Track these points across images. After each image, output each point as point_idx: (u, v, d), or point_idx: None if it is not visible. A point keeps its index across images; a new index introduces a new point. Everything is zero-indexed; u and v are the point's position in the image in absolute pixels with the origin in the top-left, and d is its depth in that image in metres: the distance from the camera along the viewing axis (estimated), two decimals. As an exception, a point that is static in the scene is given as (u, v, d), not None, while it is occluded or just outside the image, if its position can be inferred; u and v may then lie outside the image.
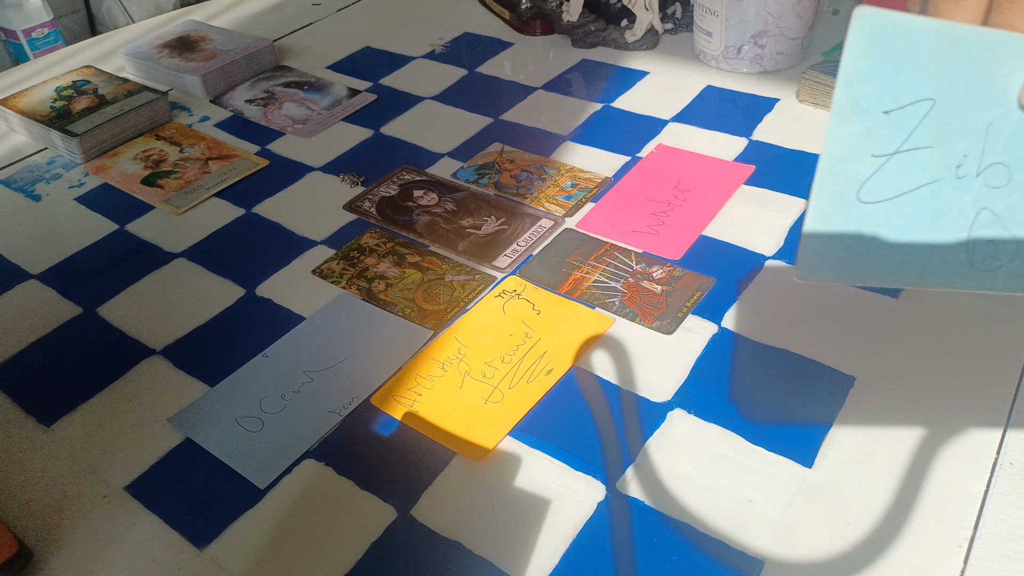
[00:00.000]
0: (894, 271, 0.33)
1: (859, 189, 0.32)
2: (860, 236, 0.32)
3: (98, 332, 0.55)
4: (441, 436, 0.46)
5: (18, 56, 1.49)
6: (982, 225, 0.33)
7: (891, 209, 0.32)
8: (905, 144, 0.31)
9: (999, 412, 0.46)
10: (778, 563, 0.39)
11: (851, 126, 0.31)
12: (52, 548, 0.42)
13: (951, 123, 0.31)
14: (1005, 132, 0.31)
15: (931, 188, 0.32)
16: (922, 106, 0.31)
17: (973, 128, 0.31)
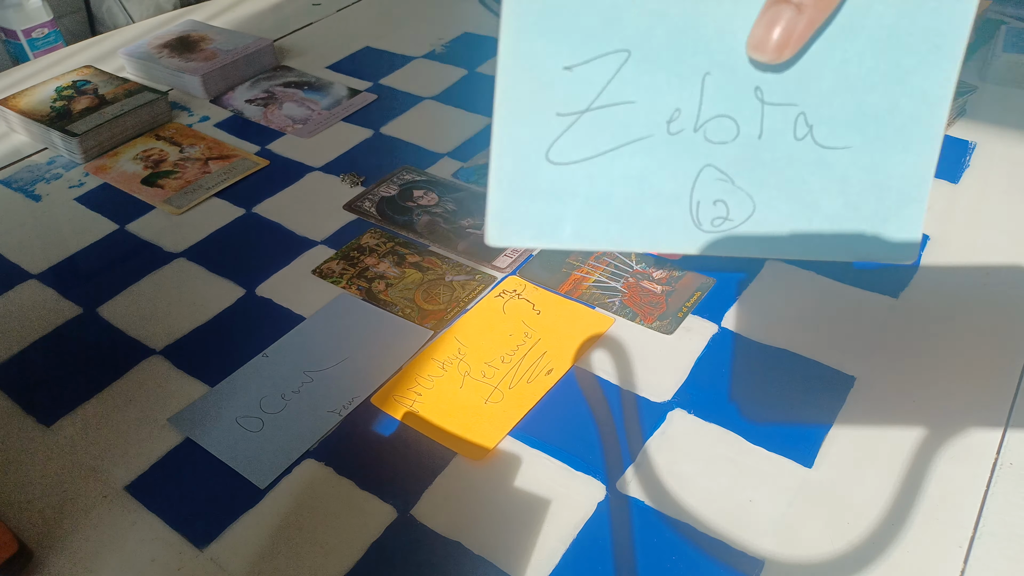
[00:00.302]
0: (607, 234, 0.31)
1: (548, 150, 0.30)
2: (557, 198, 0.30)
3: (98, 332, 0.55)
4: (441, 436, 0.46)
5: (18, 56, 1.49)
6: (707, 183, 0.30)
7: (591, 169, 0.30)
8: (598, 100, 0.29)
9: (999, 412, 0.46)
10: (778, 563, 0.39)
11: (523, 85, 0.29)
12: (52, 548, 0.42)
13: (655, 75, 0.29)
14: (728, 82, 0.29)
15: (639, 145, 0.30)
16: (614, 59, 0.28)
17: (684, 79, 0.29)
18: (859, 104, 0.29)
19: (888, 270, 0.56)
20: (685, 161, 0.30)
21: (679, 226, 0.30)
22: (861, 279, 0.55)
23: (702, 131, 0.29)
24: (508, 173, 0.30)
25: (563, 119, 0.29)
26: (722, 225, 0.30)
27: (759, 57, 0.27)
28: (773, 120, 0.29)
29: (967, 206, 0.61)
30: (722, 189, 0.30)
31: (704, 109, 0.29)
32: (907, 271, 0.56)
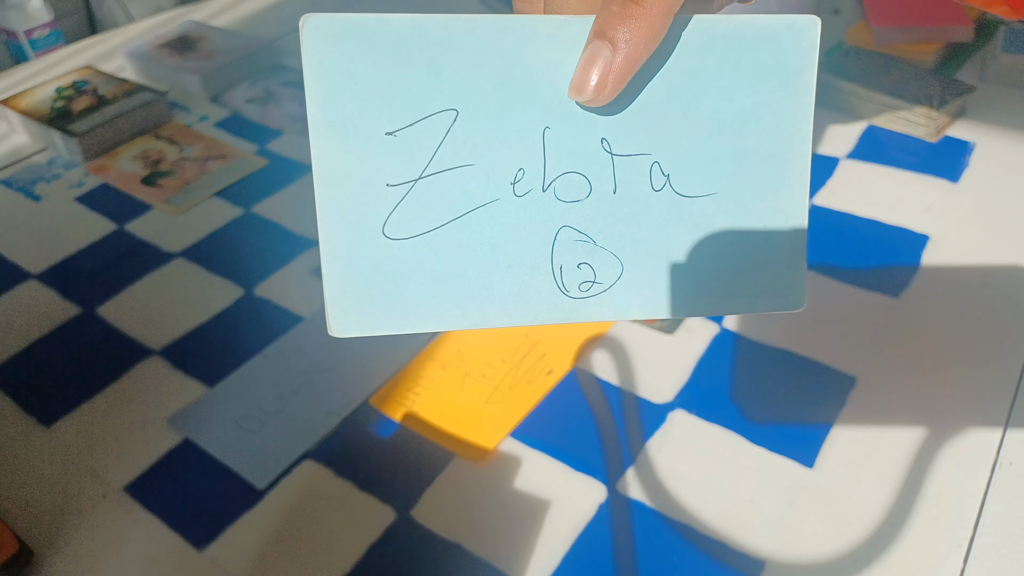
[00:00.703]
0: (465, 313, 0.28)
1: (383, 225, 0.27)
2: (401, 278, 0.27)
3: (98, 332, 0.55)
4: (441, 437, 0.46)
5: (19, 56, 1.49)
6: (567, 246, 0.28)
7: (435, 243, 0.27)
8: (431, 166, 0.27)
9: (999, 412, 0.46)
10: (778, 563, 0.39)
11: (343, 156, 0.27)
12: (52, 548, 0.42)
13: (489, 133, 0.27)
14: (570, 135, 0.27)
15: (485, 212, 0.27)
16: (440, 119, 0.26)
17: (523, 135, 0.27)
18: (714, 148, 0.28)
19: (888, 270, 0.56)
20: (538, 224, 0.27)
21: (544, 295, 0.28)
22: (861, 279, 0.55)
23: (551, 190, 0.27)
24: (341, 255, 0.27)
25: (394, 189, 0.27)
26: (591, 289, 0.28)
27: (579, 99, 0.26)
28: (626, 172, 0.27)
29: (967, 206, 0.61)
30: (584, 251, 0.28)
31: (550, 166, 0.27)
32: (907, 271, 0.56)
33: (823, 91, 0.73)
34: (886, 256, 0.57)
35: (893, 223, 0.60)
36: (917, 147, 0.68)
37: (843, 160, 0.67)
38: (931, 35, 0.79)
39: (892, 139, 0.69)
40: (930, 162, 0.66)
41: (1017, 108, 0.73)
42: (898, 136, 0.70)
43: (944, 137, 0.69)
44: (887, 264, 0.57)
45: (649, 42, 0.25)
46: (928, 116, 0.68)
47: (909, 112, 0.69)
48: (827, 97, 0.74)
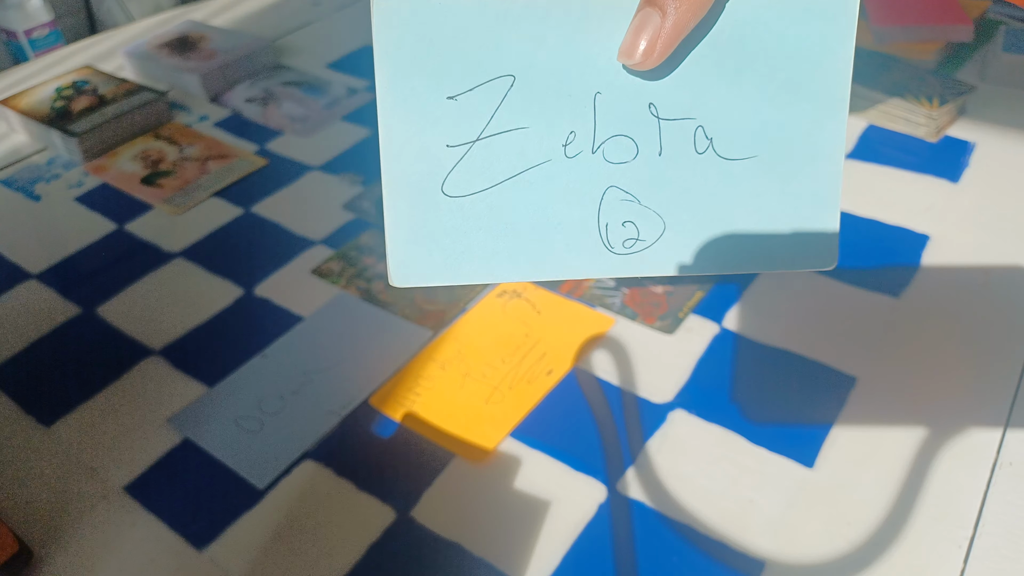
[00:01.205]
0: (516, 266, 0.30)
1: (442, 183, 0.29)
2: (458, 233, 0.29)
3: (98, 332, 0.55)
4: (441, 437, 0.46)
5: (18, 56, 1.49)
6: (613, 205, 0.30)
7: (491, 200, 0.29)
8: (488, 129, 0.28)
9: (999, 412, 0.46)
10: (779, 564, 0.39)
11: (407, 120, 0.28)
12: (52, 548, 0.42)
13: (544, 99, 0.28)
14: (620, 100, 0.28)
15: (538, 172, 0.29)
16: (499, 84, 0.28)
17: (575, 100, 0.28)
18: (757, 114, 0.29)
19: (888, 270, 0.56)
20: (587, 184, 0.29)
21: (590, 251, 0.30)
22: (861, 279, 0.55)
23: (600, 152, 0.29)
24: (403, 211, 0.29)
25: (454, 150, 0.29)
26: (634, 247, 0.30)
27: (628, 63, 0.27)
28: (671, 136, 0.29)
29: (967, 206, 0.61)
30: (629, 210, 0.30)
31: (599, 130, 0.29)
32: (907, 271, 0.56)
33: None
34: (886, 256, 0.57)
35: (893, 223, 0.60)
36: (917, 147, 0.68)
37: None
38: (931, 35, 0.79)
39: (892, 139, 0.69)
40: (930, 162, 0.66)
41: (1017, 108, 0.73)
42: (898, 136, 0.70)
43: (944, 137, 0.69)
44: (887, 264, 0.57)
45: (697, 9, 0.26)
46: (928, 116, 0.68)
47: (909, 112, 0.69)
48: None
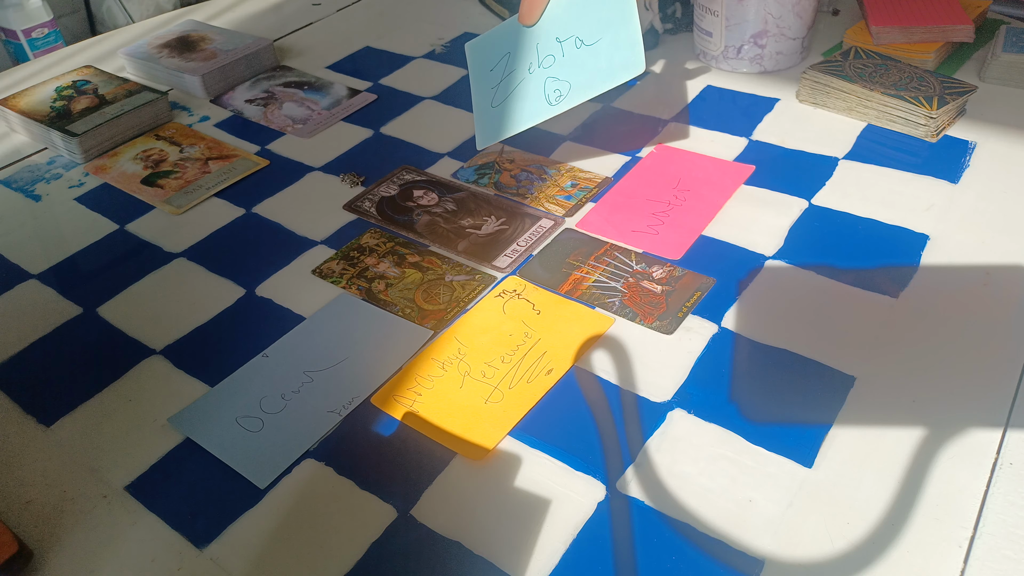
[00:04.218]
0: (519, 122, 0.64)
1: (491, 102, 0.66)
2: (500, 118, 0.65)
3: (98, 332, 0.55)
4: (441, 436, 0.46)
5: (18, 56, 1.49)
6: (549, 84, 0.63)
7: (509, 102, 0.65)
8: (503, 75, 0.66)
9: (999, 412, 0.46)
10: (778, 563, 0.39)
11: (479, 82, 0.68)
12: (52, 548, 0.42)
13: (520, 55, 0.65)
14: (544, 42, 0.63)
15: (522, 84, 0.64)
16: (505, 57, 0.66)
17: (529, 52, 0.64)
18: (599, 22, 0.61)
19: (888, 270, 0.56)
20: (538, 80, 0.64)
21: (541, 105, 0.63)
22: (861, 279, 0.55)
23: (541, 65, 0.64)
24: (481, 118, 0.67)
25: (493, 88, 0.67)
26: (559, 98, 0.62)
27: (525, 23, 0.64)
28: (567, 47, 0.62)
29: (967, 206, 0.61)
30: (556, 84, 0.63)
31: (539, 57, 0.64)
32: (907, 271, 0.56)
33: (823, 91, 0.73)
34: (886, 256, 0.57)
35: (893, 223, 0.60)
36: (917, 147, 0.68)
37: (842, 160, 0.67)
38: (931, 35, 0.79)
39: (892, 139, 0.69)
40: (930, 162, 0.66)
41: (1017, 108, 0.73)
42: (898, 136, 0.70)
43: (944, 137, 0.69)
44: (887, 264, 0.57)
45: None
46: (928, 116, 0.68)
47: (909, 112, 0.69)
48: (827, 97, 0.74)
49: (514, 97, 0.63)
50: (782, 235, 0.60)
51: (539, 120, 0.62)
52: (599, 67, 0.60)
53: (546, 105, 0.62)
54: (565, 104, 0.61)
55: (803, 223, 0.61)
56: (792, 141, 0.70)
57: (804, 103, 0.75)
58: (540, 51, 0.62)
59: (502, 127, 0.64)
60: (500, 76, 0.64)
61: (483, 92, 0.66)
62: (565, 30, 0.61)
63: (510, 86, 0.63)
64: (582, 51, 0.61)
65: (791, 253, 0.58)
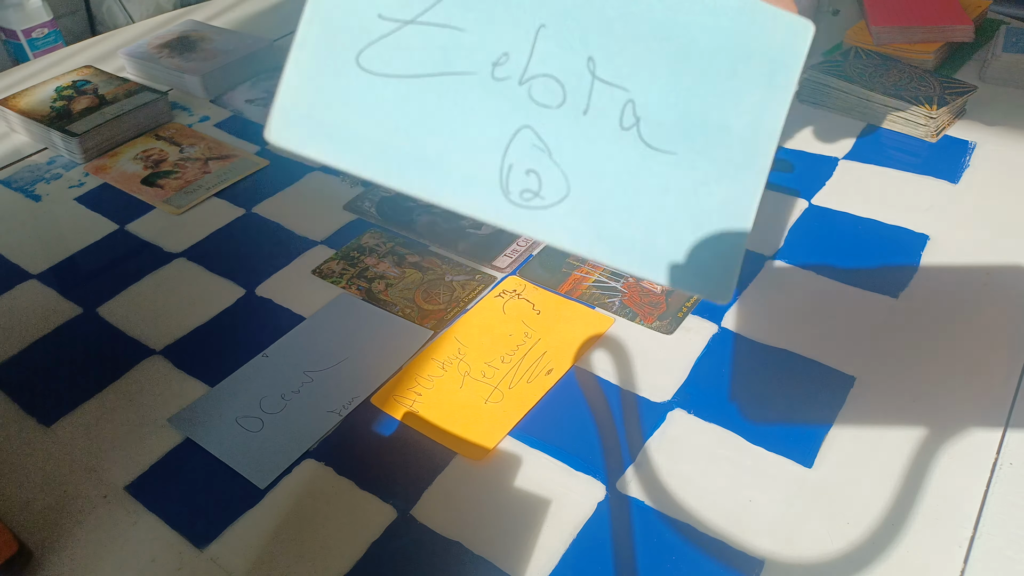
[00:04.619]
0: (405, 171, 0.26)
1: (360, 52, 0.26)
2: (358, 109, 0.26)
3: (98, 332, 0.55)
4: (441, 436, 0.46)
5: (18, 56, 1.49)
6: (523, 147, 0.27)
7: (402, 90, 0.26)
8: (426, 15, 0.26)
9: (999, 412, 0.46)
10: (778, 563, 0.39)
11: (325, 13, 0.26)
12: (52, 548, 0.42)
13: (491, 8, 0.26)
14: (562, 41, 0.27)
15: (459, 80, 0.27)
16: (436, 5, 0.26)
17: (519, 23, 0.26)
18: (688, 109, 0.28)
19: (888, 270, 0.56)
20: (504, 113, 0.27)
21: (485, 187, 0.27)
22: (861, 279, 0.55)
23: (527, 86, 0.27)
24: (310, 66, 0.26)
25: (383, 23, 0.26)
26: (531, 200, 0.27)
27: None
28: (601, 98, 0.27)
29: (967, 206, 0.61)
30: (537, 159, 0.27)
31: (533, 63, 0.27)
32: (907, 271, 0.56)
33: (823, 91, 0.73)
34: (886, 256, 0.57)
35: (893, 223, 0.60)
36: (917, 147, 0.68)
37: (843, 160, 0.67)
38: (931, 35, 0.79)
39: (892, 139, 0.69)
40: (930, 162, 0.66)
41: (1017, 108, 0.73)
42: (898, 136, 0.70)
43: (944, 137, 0.69)
44: (887, 264, 0.57)
45: None
46: (928, 116, 0.68)
47: (909, 112, 0.69)
48: (827, 97, 0.74)
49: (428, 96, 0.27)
50: (782, 235, 0.60)
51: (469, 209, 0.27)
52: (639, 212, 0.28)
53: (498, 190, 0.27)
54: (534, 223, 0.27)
55: (803, 223, 0.61)
56: (792, 141, 0.70)
57: (804, 103, 0.75)
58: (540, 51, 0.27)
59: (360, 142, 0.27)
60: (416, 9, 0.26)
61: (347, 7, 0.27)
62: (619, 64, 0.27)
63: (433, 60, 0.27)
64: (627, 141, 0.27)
65: (791, 253, 0.58)
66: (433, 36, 0.26)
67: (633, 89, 0.27)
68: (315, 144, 0.26)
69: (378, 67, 0.26)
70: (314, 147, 0.26)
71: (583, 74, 0.27)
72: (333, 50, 0.26)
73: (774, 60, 0.28)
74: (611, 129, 0.27)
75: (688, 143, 0.28)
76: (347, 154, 0.26)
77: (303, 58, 0.26)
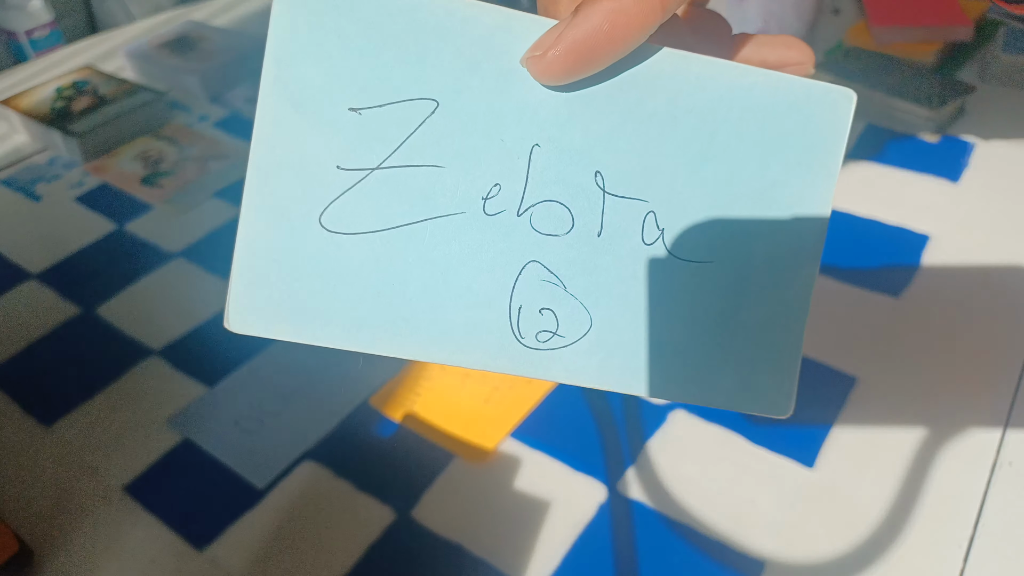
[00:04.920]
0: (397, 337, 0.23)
1: (321, 212, 0.23)
2: (329, 277, 0.23)
3: (98, 332, 0.55)
4: (441, 437, 0.46)
5: (19, 56, 1.49)
6: (531, 285, 0.24)
7: (379, 247, 0.23)
8: (394, 157, 0.23)
9: (999, 412, 0.46)
10: (779, 564, 0.39)
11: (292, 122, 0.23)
12: (52, 548, 0.42)
13: (470, 136, 0.23)
14: (561, 159, 0.23)
15: (445, 224, 0.23)
16: (416, 107, 0.23)
17: (507, 148, 0.23)
18: (718, 211, 0.24)
19: (888, 270, 0.56)
20: (504, 252, 0.23)
21: (494, 336, 0.24)
22: (861, 279, 0.55)
23: (527, 216, 0.23)
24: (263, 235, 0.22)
25: (345, 174, 0.23)
26: (550, 341, 0.24)
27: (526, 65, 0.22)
28: (616, 215, 0.24)
29: (967, 206, 0.61)
30: (551, 295, 0.24)
31: (531, 190, 0.23)
32: (907, 271, 0.56)
33: (823, 91, 0.73)
34: (886, 256, 0.57)
35: (893, 223, 0.60)
36: (917, 147, 0.68)
37: (843, 160, 0.67)
38: (931, 35, 0.79)
39: (892, 139, 0.69)
40: (930, 162, 0.66)
41: (1017, 108, 0.73)
42: (898, 136, 0.70)
43: (944, 137, 0.69)
44: (887, 264, 0.56)
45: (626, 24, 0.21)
46: (928, 116, 0.68)
47: (909, 112, 0.69)
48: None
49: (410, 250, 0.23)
50: (782, 235, 0.60)
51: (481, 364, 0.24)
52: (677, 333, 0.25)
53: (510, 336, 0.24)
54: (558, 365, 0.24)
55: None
56: (792, 141, 0.70)
57: (804, 103, 0.75)
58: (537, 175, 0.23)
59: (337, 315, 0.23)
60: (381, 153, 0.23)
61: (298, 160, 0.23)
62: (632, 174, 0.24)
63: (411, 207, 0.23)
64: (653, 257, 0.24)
65: (791, 253, 0.58)
66: (406, 180, 0.23)
67: (653, 199, 0.24)
68: (286, 325, 0.23)
69: (346, 226, 0.23)
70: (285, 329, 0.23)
71: (592, 192, 0.24)
72: (288, 215, 0.23)
73: (812, 145, 0.25)
74: (632, 247, 0.24)
75: (724, 248, 0.24)
76: (325, 330, 0.23)
77: (254, 231, 0.23)
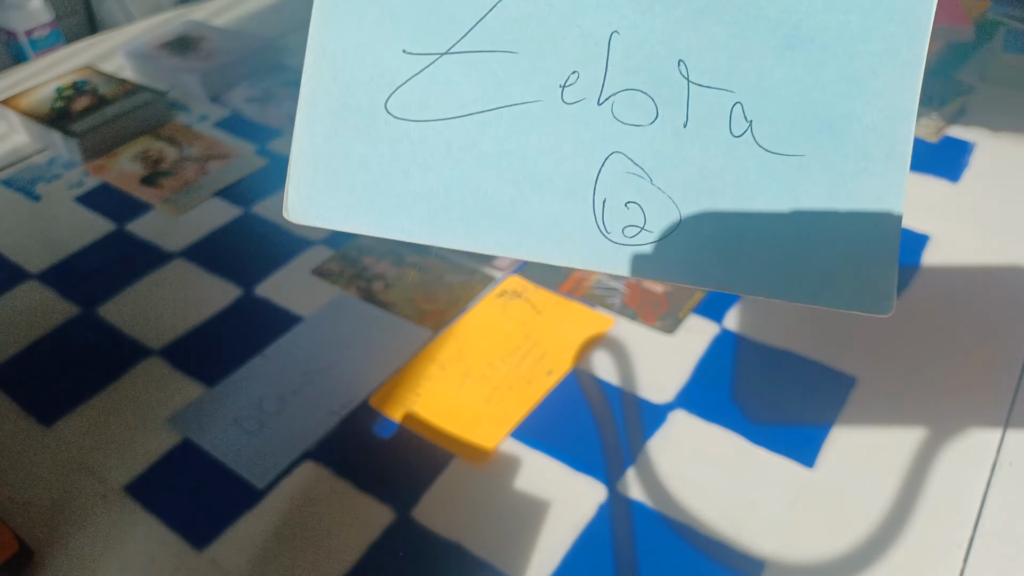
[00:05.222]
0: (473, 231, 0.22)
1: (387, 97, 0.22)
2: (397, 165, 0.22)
3: (98, 332, 0.55)
4: (441, 437, 0.46)
5: (19, 56, 1.49)
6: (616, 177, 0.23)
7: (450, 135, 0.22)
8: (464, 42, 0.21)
9: (999, 412, 0.46)
10: (779, 564, 0.39)
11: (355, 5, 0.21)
12: (52, 548, 0.42)
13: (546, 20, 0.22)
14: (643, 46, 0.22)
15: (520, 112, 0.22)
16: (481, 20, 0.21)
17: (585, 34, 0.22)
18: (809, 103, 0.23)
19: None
20: (586, 142, 0.22)
21: (578, 231, 0.23)
22: (861, 279, 0.55)
23: (608, 105, 0.22)
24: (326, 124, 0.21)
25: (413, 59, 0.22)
26: (637, 236, 0.23)
27: None
28: (702, 106, 0.23)
29: (967, 206, 0.61)
30: (637, 188, 0.23)
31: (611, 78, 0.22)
32: (907, 271, 0.56)
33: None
34: (886, 256, 0.57)
35: (893, 223, 0.60)
36: (917, 147, 0.68)
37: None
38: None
39: (892, 139, 0.69)
40: (930, 162, 0.66)
41: (1017, 108, 0.73)
42: (898, 136, 0.69)
43: (944, 137, 0.69)
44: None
45: None
46: (928, 116, 0.68)
47: (909, 112, 0.69)
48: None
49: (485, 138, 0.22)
50: (782, 235, 0.60)
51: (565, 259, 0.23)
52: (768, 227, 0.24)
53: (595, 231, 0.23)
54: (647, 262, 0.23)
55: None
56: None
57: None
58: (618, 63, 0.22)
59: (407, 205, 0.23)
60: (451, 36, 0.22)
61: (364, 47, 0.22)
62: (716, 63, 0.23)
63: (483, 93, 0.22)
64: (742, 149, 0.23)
65: (791, 253, 0.58)
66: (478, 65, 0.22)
67: (739, 89, 0.23)
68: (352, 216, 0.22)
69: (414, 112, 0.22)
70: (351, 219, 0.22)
71: (675, 81, 0.23)
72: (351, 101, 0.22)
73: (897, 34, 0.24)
74: (720, 139, 0.23)
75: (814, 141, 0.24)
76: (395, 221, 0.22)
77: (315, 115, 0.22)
